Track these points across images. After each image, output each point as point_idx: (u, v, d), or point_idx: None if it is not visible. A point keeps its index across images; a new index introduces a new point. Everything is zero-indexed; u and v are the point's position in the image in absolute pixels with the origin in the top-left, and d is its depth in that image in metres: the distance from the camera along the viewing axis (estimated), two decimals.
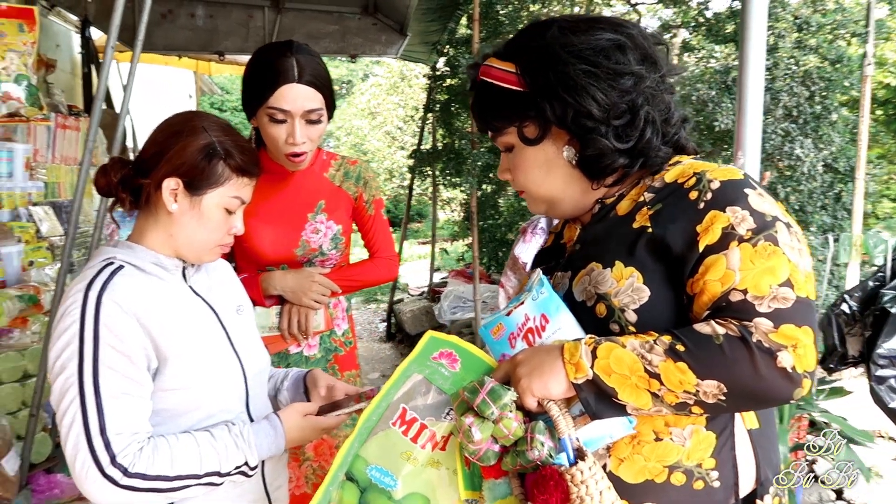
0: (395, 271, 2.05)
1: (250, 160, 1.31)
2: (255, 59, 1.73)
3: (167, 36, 4.46)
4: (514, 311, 1.10)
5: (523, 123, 1.10)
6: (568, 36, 1.06)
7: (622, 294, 1.01)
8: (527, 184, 1.16)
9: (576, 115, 1.05)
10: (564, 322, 1.05)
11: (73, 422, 1.12)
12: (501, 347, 1.11)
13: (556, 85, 1.05)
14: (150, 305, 1.22)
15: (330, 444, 1.97)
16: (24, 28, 1.90)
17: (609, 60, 1.04)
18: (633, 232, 1.05)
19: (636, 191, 1.10)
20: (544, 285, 1.09)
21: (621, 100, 1.04)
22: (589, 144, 1.07)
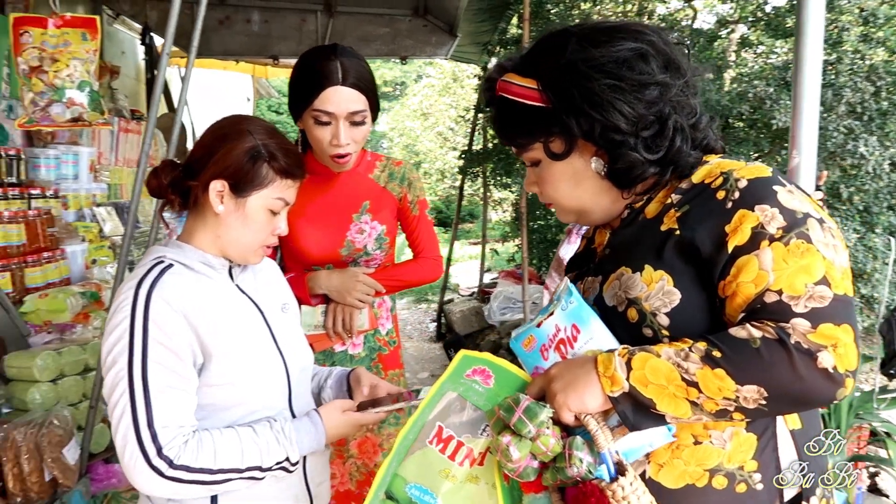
0: (440, 271, 2.05)
1: (294, 162, 1.33)
2: (301, 62, 1.77)
3: (224, 41, 4.59)
4: (544, 323, 1.08)
5: (549, 139, 1.09)
6: (588, 49, 1.03)
7: (653, 298, 1.00)
8: (556, 197, 1.15)
9: (603, 129, 1.03)
10: (596, 331, 1.04)
11: (123, 414, 1.17)
12: (534, 360, 1.09)
13: (581, 101, 1.03)
14: (197, 303, 1.26)
15: (374, 441, 1.99)
16: (88, 37, 1.98)
17: (633, 71, 1.02)
18: (661, 235, 1.03)
19: (663, 193, 1.08)
20: (573, 294, 1.07)
21: (648, 111, 1.02)
22: (619, 158, 1.05)
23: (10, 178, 2.52)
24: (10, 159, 2.52)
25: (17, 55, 1.93)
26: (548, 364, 1.06)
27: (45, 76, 1.91)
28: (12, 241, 2.34)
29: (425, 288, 9.30)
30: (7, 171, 2.50)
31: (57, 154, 2.84)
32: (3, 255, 2.30)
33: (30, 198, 2.59)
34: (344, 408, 1.38)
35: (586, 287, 1.15)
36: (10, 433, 1.80)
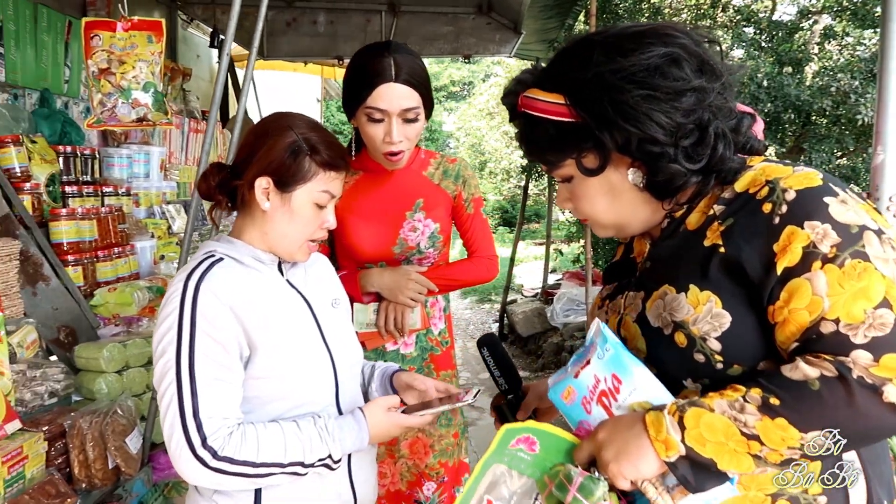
0: (495, 271, 2.01)
1: (336, 154, 1.33)
2: (354, 60, 1.76)
3: (291, 43, 4.68)
4: (581, 373, 1.03)
5: (581, 154, 1.02)
6: (616, 59, 0.96)
7: (701, 322, 0.94)
8: (592, 213, 1.08)
9: (640, 142, 0.96)
10: (640, 380, 0.98)
11: (170, 404, 1.19)
12: (577, 414, 1.04)
13: (615, 114, 0.96)
14: (244, 296, 1.27)
15: (425, 442, 1.97)
16: (153, 39, 2.04)
17: (666, 79, 0.95)
18: (704, 251, 0.96)
19: (705, 202, 1.01)
20: (608, 340, 1.01)
21: (687, 119, 0.95)
22: (659, 170, 0.98)
23: (85, 176, 2.63)
24: (85, 158, 2.63)
25: (88, 58, 2.00)
26: (592, 418, 1.01)
27: (113, 78, 1.98)
28: (85, 237, 2.45)
29: (488, 287, 9.26)
30: (82, 170, 2.61)
31: (129, 153, 2.95)
32: (77, 250, 2.41)
33: (103, 195, 2.70)
34: (388, 405, 1.36)
35: (628, 303, 1.09)
36: (76, 421, 1.87)
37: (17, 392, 1.89)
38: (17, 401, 1.87)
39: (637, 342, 1.03)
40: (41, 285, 2.24)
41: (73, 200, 2.51)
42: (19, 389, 1.89)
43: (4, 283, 1.99)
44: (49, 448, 1.81)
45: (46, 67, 2.79)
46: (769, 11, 5.75)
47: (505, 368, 1.41)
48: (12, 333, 1.99)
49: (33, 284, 2.23)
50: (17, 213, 2.23)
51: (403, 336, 1.91)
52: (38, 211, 2.34)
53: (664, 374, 0.99)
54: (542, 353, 5.84)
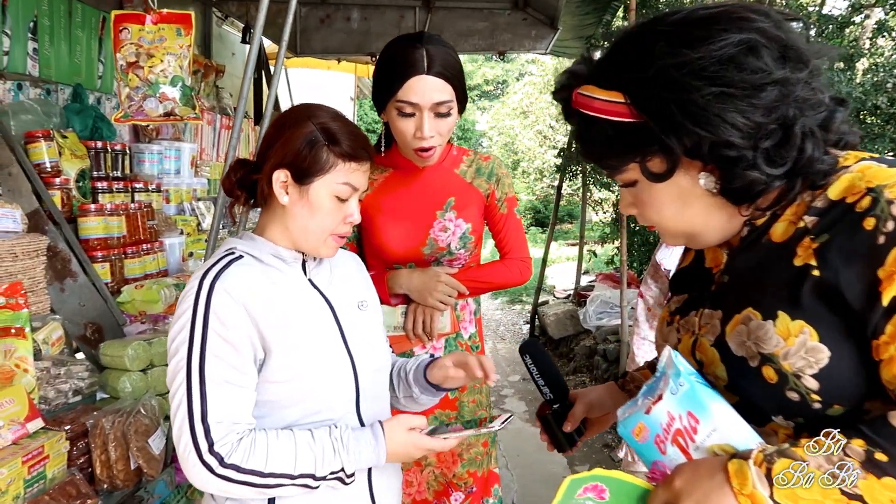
0: (528, 274, 1.92)
1: (357, 144, 1.27)
2: (386, 51, 1.69)
3: (324, 39, 4.65)
4: (653, 409, 0.93)
5: (646, 158, 0.91)
6: (682, 52, 0.83)
7: (794, 356, 0.83)
8: (660, 221, 0.97)
9: (713, 146, 0.84)
10: (720, 420, 0.87)
11: (180, 405, 1.14)
12: (650, 453, 0.95)
13: (682, 116, 0.84)
14: (261, 296, 1.21)
15: (453, 451, 1.89)
16: (182, 32, 2.00)
17: (742, 71, 0.82)
18: (795, 272, 0.84)
19: (793, 210, 0.89)
20: (682, 374, 0.91)
21: (768, 118, 0.82)
22: (735, 177, 0.86)
23: (116, 172, 2.61)
24: (115, 154, 2.61)
25: (117, 51, 1.97)
26: (667, 459, 0.91)
27: (141, 72, 1.95)
28: (113, 233, 2.43)
29: (519, 288, 9.14)
30: (113, 166, 2.59)
31: (160, 150, 2.93)
32: (105, 246, 2.39)
33: (133, 191, 2.68)
34: (410, 425, 1.28)
35: (703, 322, 0.98)
36: (98, 421, 1.83)
37: (41, 390, 1.86)
38: (40, 398, 1.84)
39: (716, 368, 0.93)
40: (69, 281, 2.22)
41: (102, 196, 2.50)
42: (43, 387, 1.87)
43: (31, 278, 1.97)
44: (71, 447, 1.78)
45: (80, 63, 2.78)
46: (818, 6, 5.53)
47: (550, 376, 1.33)
48: (38, 330, 1.97)
49: (61, 280, 2.21)
50: (47, 208, 2.22)
51: (432, 340, 1.84)
52: (68, 206, 2.33)
53: (749, 406, 0.89)
54: (574, 356, 5.72)
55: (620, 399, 1.32)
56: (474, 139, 18.60)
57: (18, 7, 2.42)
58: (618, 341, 4.86)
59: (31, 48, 2.49)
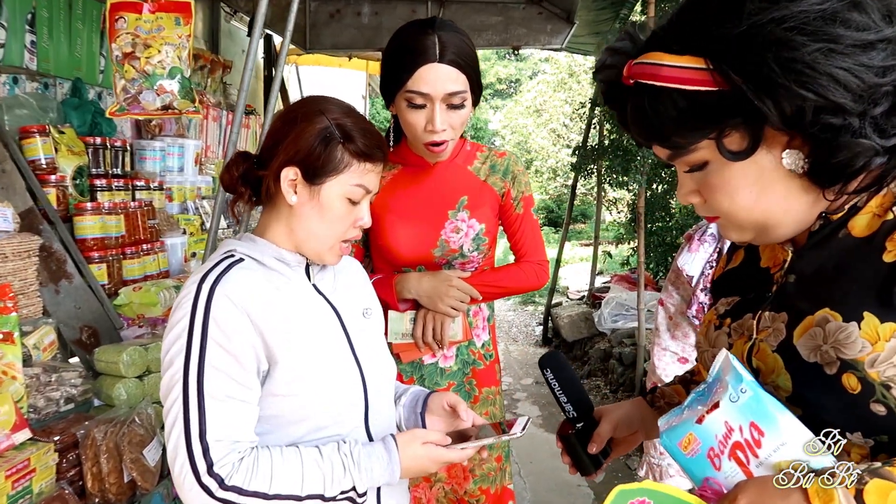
0: (545, 278, 1.80)
1: (373, 143, 1.17)
2: (395, 38, 1.58)
3: (334, 35, 4.55)
4: (707, 418, 0.83)
5: (723, 133, 0.80)
6: (779, 4, 0.73)
7: (883, 363, 0.73)
8: (732, 209, 0.85)
9: (818, 111, 0.73)
10: (789, 433, 0.77)
11: (175, 422, 1.04)
12: (701, 469, 0.84)
13: (785, 77, 0.73)
14: (265, 302, 1.12)
15: (464, 466, 1.78)
16: (181, 21, 1.91)
17: (848, 28, 0.72)
18: (885, 268, 0.75)
19: (877, 201, 0.79)
20: (744, 381, 0.80)
21: (882, 79, 0.72)
22: (839, 148, 0.75)
23: (116, 169, 2.52)
24: (115, 151, 2.52)
25: (112, 41, 1.87)
26: (723, 476, 0.81)
27: (137, 63, 1.85)
28: (111, 233, 2.33)
29: None
30: (112, 163, 2.50)
31: (163, 146, 2.84)
32: (101, 247, 2.29)
33: (134, 189, 2.59)
34: (426, 439, 1.18)
35: (763, 325, 0.87)
36: (90, 431, 1.74)
37: (31, 398, 1.77)
38: (29, 407, 1.75)
39: (778, 377, 0.83)
40: (64, 283, 2.13)
41: (101, 194, 2.40)
42: (33, 395, 1.77)
43: (23, 280, 1.88)
44: (61, 460, 1.69)
45: (81, 56, 2.69)
46: None
47: (573, 392, 1.22)
48: (29, 334, 1.88)
49: (56, 282, 2.12)
50: (42, 206, 2.12)
51: (443, 348, 1.72)
52: (64, 205, 2.24)
53: (817, 420, 0.79)
54: (589, 359, 5.59)
55: (649, 416, 1.22)
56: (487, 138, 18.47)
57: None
58: (634, 345, 4.73)
59: (28, 41, 2.40)
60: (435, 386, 1.75)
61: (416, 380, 1.75)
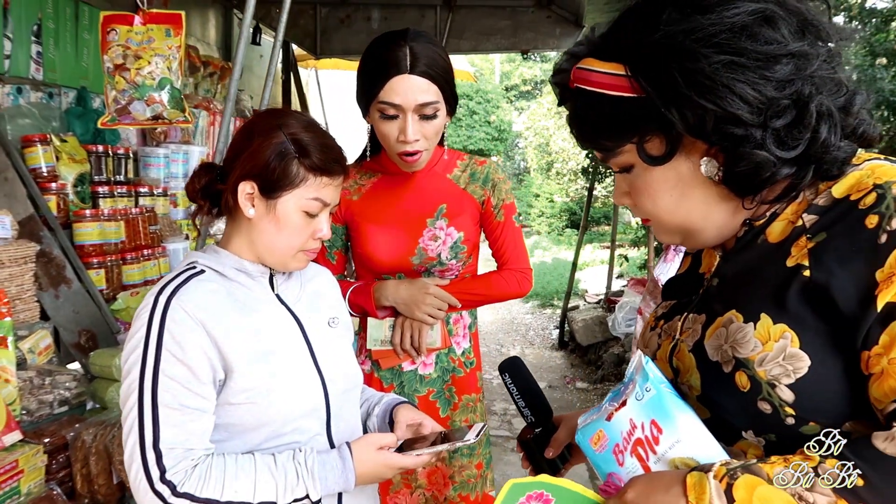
0: (528, 286, 1.80)
1: (330, 157, 1.19)
2: (368, 49, 1.60)
3: (344, 40, 4.59)
4: (615, 416, 0.85)
5: (644, 138, 0.83)
6: (691, 17, 0.76)
7: (770, 363, 0.74)
8: (655, 212, 0.88)
9: (719, 122, 0.76)
10: (685, 431, 0.79)
11: (131, 430, 1.08)
12: (606, 465, 0.87)
13: (687, 87, 0.75)
14: (220, 313, 1.14)
15: (444, 473, 1.79)
16: (171, 33, 1.95)
17: (756, 41, 0.74)
18: (785, 272, 0.76)
19: (793, 208, 0.80)
20: (649, 379, 0.83)
21: (781, 93, 0.74)
22: (741, 158, 0.77)
23: (118, 176, 2.58)
24: (118, 158, 2.58)
25: (104, 53, 1.92)
26: (624, 471, 0.84)
27: (128, 74, 1.89)
28: (110, 239, 2.39)
29: (550, 292, 8.97)
30: (115, 170, 2.56)
31: (167, 153, 2.90)
32: (100, 252, 2.35)
33: (137, 195, 2.65)
34: (380, 444, 1.20)
35: (686, 326, 0.90)
36: (80, 433, 1.79)
37: (24, 400, 1.82)
38: (22, 410, 1.80)
39: (691, 377, 0.86)
40: (63, 288, 2.19)
41: (103, 201, 2.47)
42: (26, 398, 1.83)
43: (19, 286, 1.93)
44: (50, 461, 1.73)
45: (87, 66, 2.76)
46: None
47: (531, 398, 1.23)
48: (25, 338, 1.93)
49: (56, 287, 2.18)
50: (42, 213, 2.19)
51: (421, 356, 1.73)
52: (64, 212, 2.30)
53: (720, 421, 0.81)
54: (602, 363, 5.55)
55: None
56: (510, 140, 18.43)
57: (21, 10, 2.41)
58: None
59: (34, 51, 2.47)
60: (414, 393, 1.76)
61: (396, 386, 1.76)
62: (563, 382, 5.58)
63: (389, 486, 1.77)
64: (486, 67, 20.23)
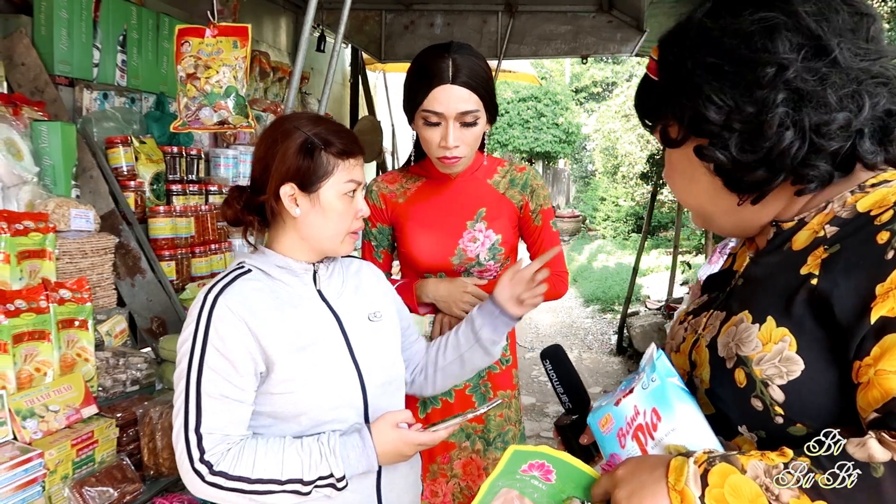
0: (563, 289, 1.87)
1: (349, 140, 1.30)
2: (414, 61, 1.70)
3: (408, 45, 4.72)
4: (622, 401, 0.92)
5: (668, 122, 0.90)
6: (713, 17, 0.83)
7: (766, 363, 0.79)
8: (675, 190, 0.98)
9: (693, 117, 0.83)
10: (682, 420, 0.85)
11: (178, 414, 1.21)
12: (610, 446, 0.94)
13: (675, 81, 0.85)
14: (263, 310, 1.25)
15: (479, 464, 1.87)
16: (238, 44, 2.10)
17: (748, 48, 0.80)
18: (797, 279, 0.80)
19: (820, 218, 0.84)
20: (656, 370, 0.89)
21: (748, 99, 0.79)
22: (703, 154, 0.84)
23: (191, 175, 2.78)
24: (190, 159, 2.78)
25: (178, 63, 2.09)
26: (624, 453, 0.91)
27: (198, 82, 2.05)
28: (181, 234, 2.58)
29: (612, 297, 8.88)
30: (187, 170, 2.76)
31: (235, 154, 3.08)
32: (171, 246, 2.54)
33: (207, 194, 2.84)
34: (395, 421, 1.28)
35: (709, 323, 0.95)
36: (148, 411, 1.95)
37: (100, 378, 2.01)
38: (99, 387, 1.99)
39: (703, 371, 0.91)
40: (139, 277, 2.38)
41: (176, 198, 2.66)
42: (102, 376, 2.01)
43: (99, 275, 2.13)
44: (121, 434, 1.91)
45: (165, 73, 2.97)
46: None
47: (569, 385, 1.29)
48: (103, 322, 2.13)
49: (132, 276, 2.38)
50: (122, 209, 2.39)
51: None
52: (141, 207, 2.50)
53: (721, 415, 0.87)
54: None
55: None
56: (578, 142, 18.25)
57: (109, 22, 2.62)
58: None
59: (119, 60, 2.69)
60: (452, 387, 1.84)
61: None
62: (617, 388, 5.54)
63: (427, 474, 1.86)
64: (555, 69, 20.11)
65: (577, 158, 19.78)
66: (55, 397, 1.78)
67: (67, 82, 2.46)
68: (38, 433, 1.70)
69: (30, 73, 2.32)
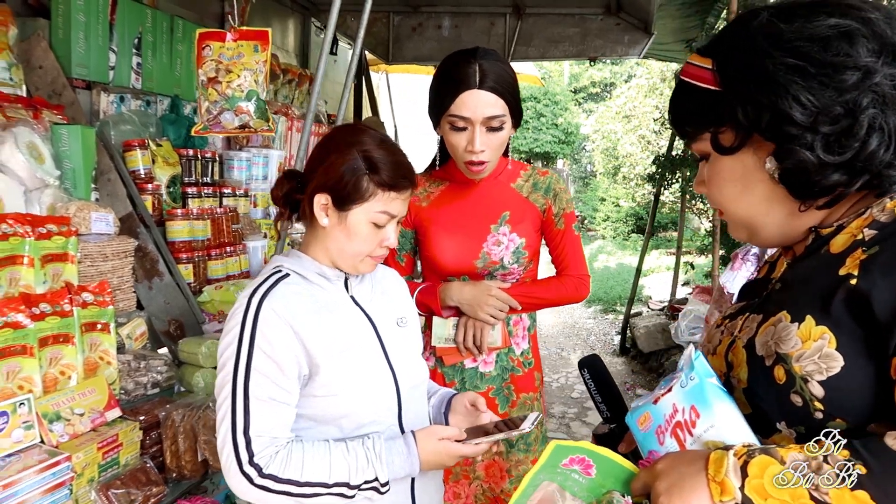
0: (585, 291, 1.88)
1: (398, 174, 1.29)
2: (441, 66, 1.71)
3: (416, 47, 4.73)
4: (661, 400, 0.94)
5: (719, 129, 0.92)
6: (776, 24, 0.85)
7: (806, 359, 0.81)
8: (721, 201, 0.97)
9: (773, 119, 0.84)
10: (720, 417, 0.87)
11: (224, 417, 1.21)
12: (649, 443, 0.96)
13: (752, 83, 0.85)
14: (307, 314, 1.26)
15: (501, 466, 1.88)
16: (259, 48, 2.10)
17: (827, 52, 0.81)
18: (836, 280, 0.82)
19: (858, 223, 0.86)
20: (695, 368, 0.91)
21: (836, 101, 0.81)
22: (787, 155, 0.85)
23: (205, 178, 2.78)
24: (205, 161, 2.78)
25: (199, 67, 2.10)
26: (663, 449, 0.92)
27: (219, 86, 2.06)
28: (198, 236, 2.59)
29: (613, 297, 8.90)
30: (202, 172, 2.76)
31: (248, 156, 3.09)
32: (189, 249, 2.55)
33: (221, 196, 2.85)
34: (442, 435, 1.30)
35: (745, 325, 0.97)
36: (170, 413, 1.96)
37: (122, 381, 2.01)
38: (121, 389, 1.99)
39: (741, 371, 0.93)
40: (156, 280, 2.39)
41: (192, 201, 2.66)
42: (124, 379, 2.02)
43: (119, 277, 2.13)
44: (144, 437, 1.91)
45: (180, 75, 2.98)
46: None
47: (607, 394, 1.31)
48: (123, 325, 2.13)
49: (150, 279, 2.38)
50: (139, 212, 2.39)
51: (482, 354, 1.83)
52: (158, 210, 2.50)
53: (759, 413, 0.88)
54: (664, 371, 5.51)
55: None
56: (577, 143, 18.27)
57: (125, 25, 2.63)
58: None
59: (135, 62, 2.70)
60: (475, 389, 1.86)
61: (458, 382, 1.86)
62: (623, 389, 5.56)
63: (450, 476, 1.87)
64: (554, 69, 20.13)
65: (576, 159, 19.79)
66: (80, 400, 1.78)
67: (84, 85, 2.47)
68: (64, 436, 1.70)
69: (48, 77, 2.32)
